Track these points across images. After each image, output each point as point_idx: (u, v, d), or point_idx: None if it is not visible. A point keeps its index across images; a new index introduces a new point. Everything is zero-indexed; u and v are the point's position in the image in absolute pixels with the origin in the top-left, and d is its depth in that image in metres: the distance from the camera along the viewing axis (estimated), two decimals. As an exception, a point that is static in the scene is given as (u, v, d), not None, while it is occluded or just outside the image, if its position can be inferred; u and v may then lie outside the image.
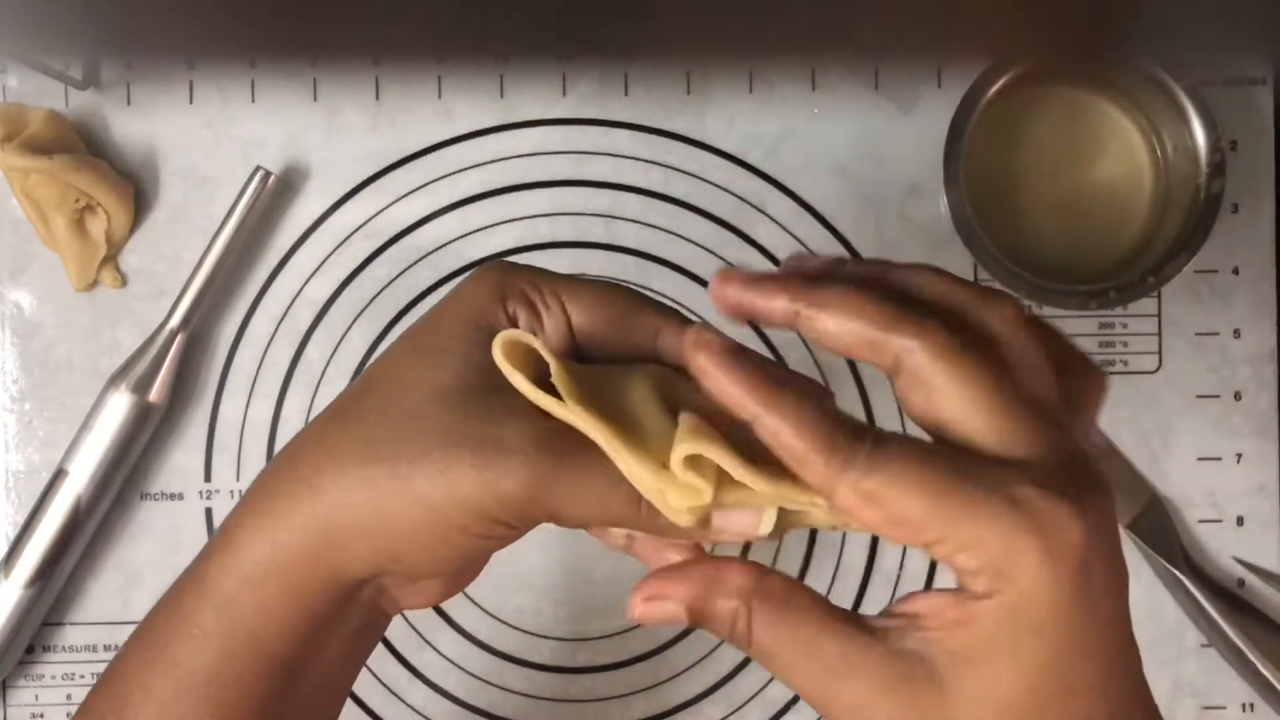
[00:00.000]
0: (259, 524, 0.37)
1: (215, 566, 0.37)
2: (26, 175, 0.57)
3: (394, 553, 0.37)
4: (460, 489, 0.35)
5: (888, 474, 0.33)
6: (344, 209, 0.60)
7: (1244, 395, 0.60)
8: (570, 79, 0.60)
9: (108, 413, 0.57)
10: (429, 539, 0.36)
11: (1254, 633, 0.58)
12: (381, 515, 0.36)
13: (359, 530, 0.36)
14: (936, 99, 0.60)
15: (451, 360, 0.37)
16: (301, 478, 0.37)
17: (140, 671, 0.38)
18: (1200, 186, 0.56)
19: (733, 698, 0.60)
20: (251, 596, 0.37)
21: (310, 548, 0.37)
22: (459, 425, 0.36)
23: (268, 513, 0.37)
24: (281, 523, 0.37)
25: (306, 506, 0.37)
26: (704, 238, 0.60)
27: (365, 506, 0.36)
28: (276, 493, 0.37)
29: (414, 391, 0.37)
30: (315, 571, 0.37)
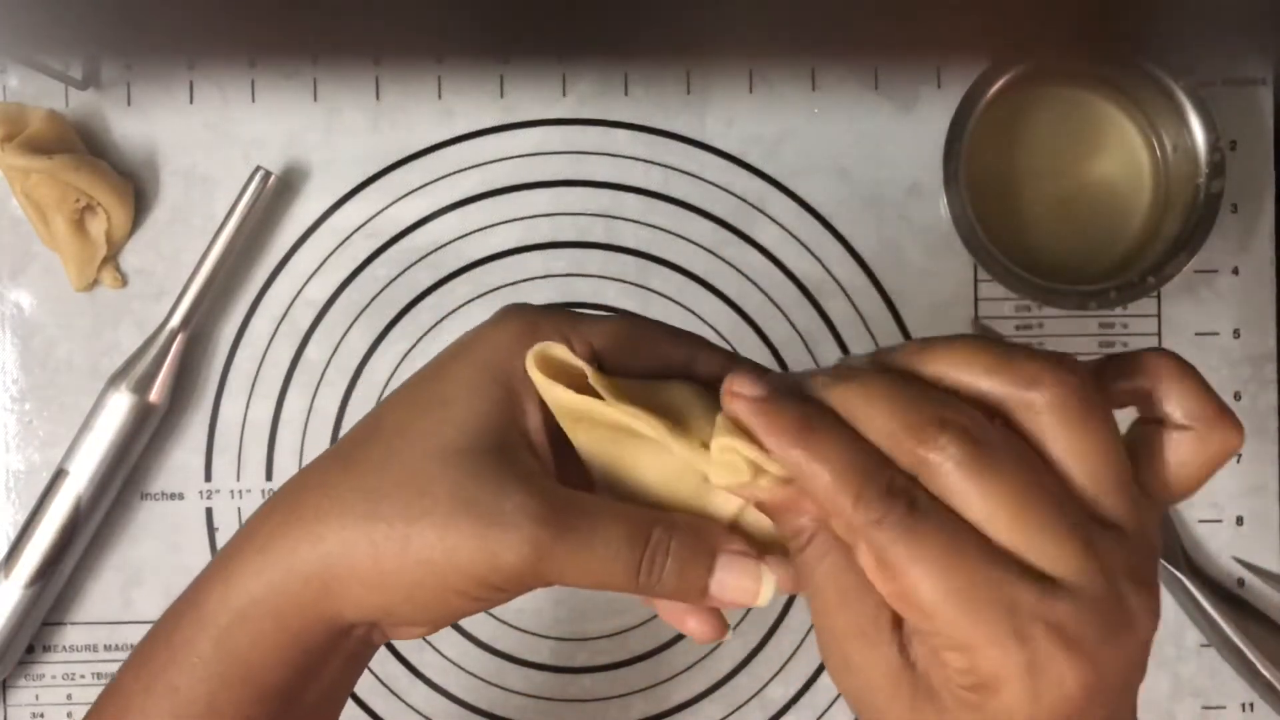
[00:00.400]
0: (258, 562, 0.37)
1: (213, 598, 0.38)
2: (27, 175, 0.57)
3: (388, 606, 0.37)
4: (459, 556, 0.35)
5: (910, 549, 0.32)
6: (344, 209, 0.60)
7: (1244, 395, 0.60)
8: (570, 79, 0.60)
9: (108, 413, 0.57)
10: (424, 598, 0.36)
11: (1254, 632, 0.58)
12: (379, 571, 0.36)
13: (356, 582, 0.36)
14: (936, 99, 0.60)
15: (459, 414, 0.37)
16: (303, 521, 0.37)
17: (138, 696, 0.38)
18: (1200, 186, 0.56)
19: (732, 698, 0.60)
20: (247, 631, 0.37)
21: (307, 593, 0.37)
22: (461, 490, 0.36)
23: (267, 551, 0.37)
24: (280, 565, 0.37)
25: (306, 552, 0.37)
26: (704, 238, 0.60)
27: (364, 561, 0.36)
28: (276, 533, 0.37)
29: (418, 446, 0.36)
30: (310, 613, 0.37)
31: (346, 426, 0.60)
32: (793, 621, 0.60)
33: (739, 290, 0.60)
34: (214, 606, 0.38)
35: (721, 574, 0.36)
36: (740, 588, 0.36)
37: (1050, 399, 0.33)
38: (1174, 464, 0.35)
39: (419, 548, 0.36)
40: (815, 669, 0.60)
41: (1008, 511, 0.32)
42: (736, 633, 0.60)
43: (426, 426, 0.37)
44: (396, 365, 0.60)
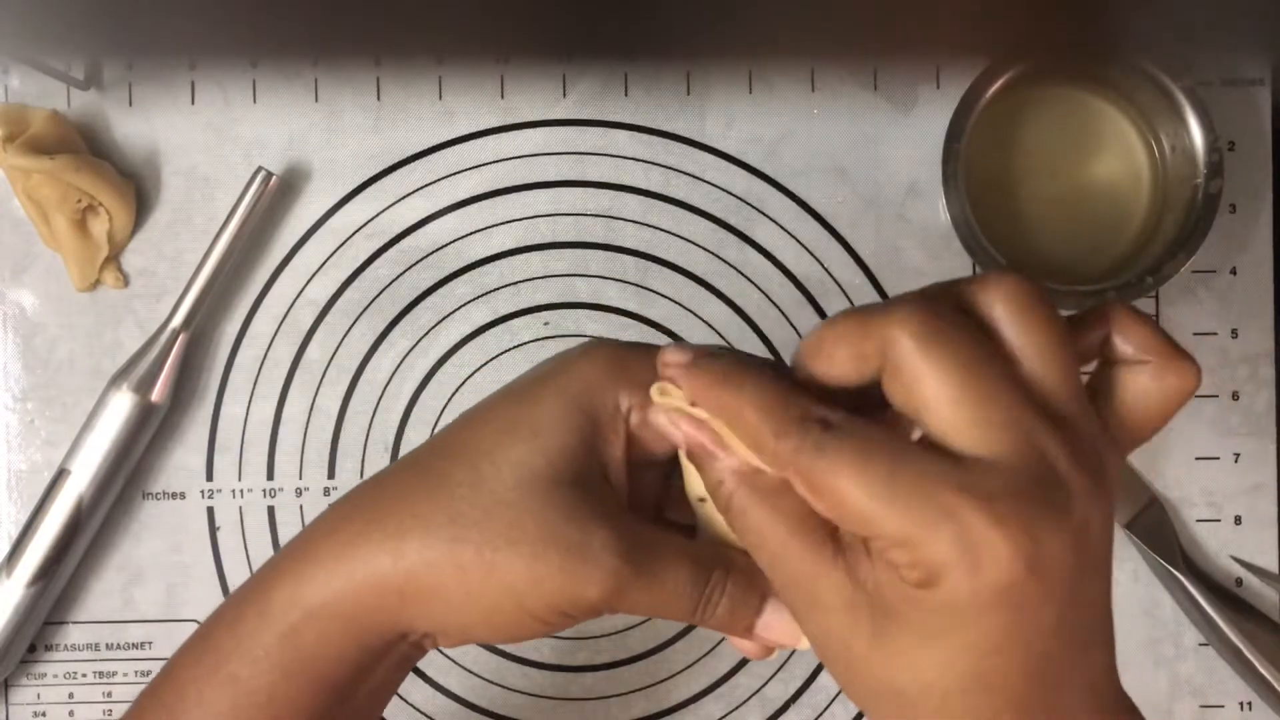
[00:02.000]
0: (333, 567, 0.38)
1: (282, 595, 0.39)
2: (28, 175, 0.57)
3: (465, 625, 0.39)
4: (545, 586, 0.37)
5: (829, 462, 0.33)
6: (345, 209, 0.60)
7: (1242, 395, 0.60)
8: (570, 79, 0.61)
9: (110, 412, 0.57)
10: (501, 620, 0.38)
11: (1252, 632, 0.58)
12: (464, 593, 0.38)
13: (438, 600, 0.38)
14: (935, 99, 0.60)
15: (548, 444, 0.38)
16: (385, 534, 0.38)
17: (196, 682, 0.39)
18: (1198, 187, 0.56)
19: (732, 696, 0.60)
20: (315, 629, 0.39)
21: (382, 603, 0.38)
22: (550, 522, 0.37)
23: (343, 559, 0.38)
24: (358, 573, 0.38)
25: (386, 565, 0.38)
26: (703, 238, 0.60)
27: (449, 582, 0.37)
28: (355, 541, 0.38)
29: (507, 474, 0.38)
30: (380, 620, 0.39)
31: (348, 426, 0.60)
32: (792, 621, 0.60)
33: (739, 290, 0.60)
34: (283, 604, 0.39)
35: (768, 616, 0.39)
36: (783, 630, 0.39)
37: (1004, 291, 0.34)
38: (1133, 399, 0.36)
39: (505, 574, 0.37)
40: (815, 668, 0.60)
41: (956, 385, 0.33)
42: (736, 632, 0.60)
43: (516, 455, 0.38)
44: (397, 365, 0.60)
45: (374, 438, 0.60)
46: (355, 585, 0.38)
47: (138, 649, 0.59)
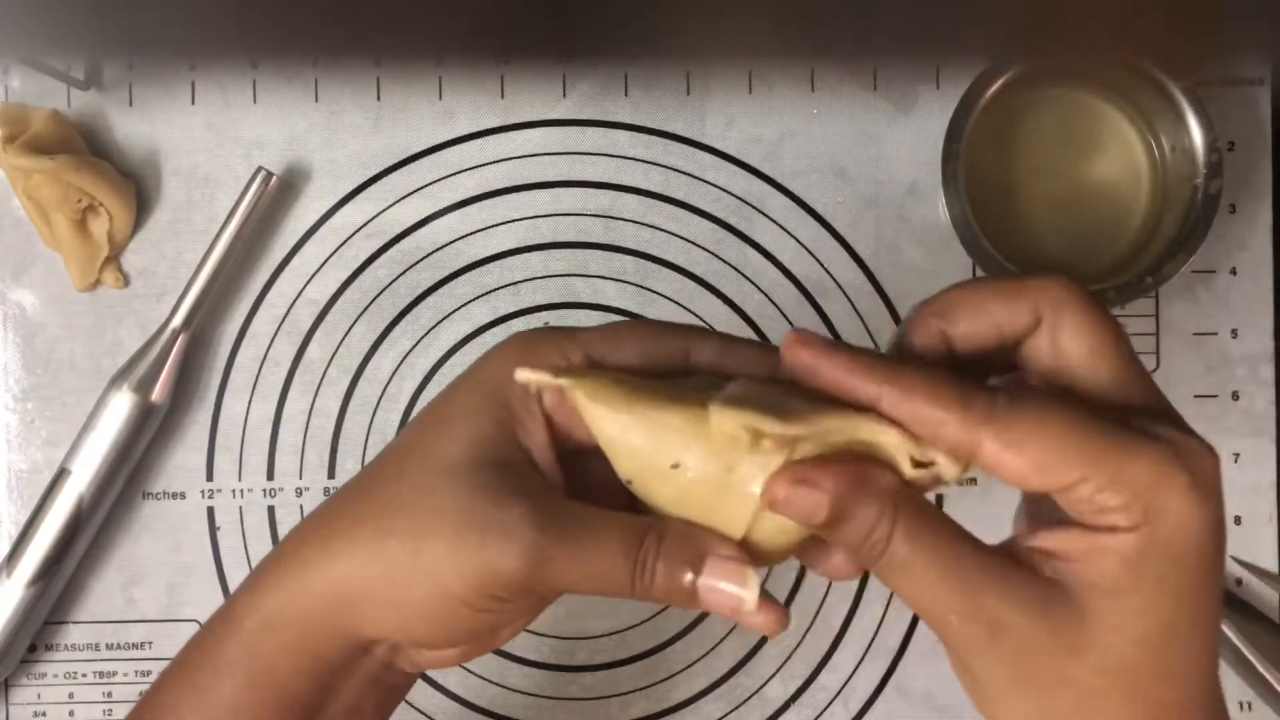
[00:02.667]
0: (281, 576, 0.39)
1: (242, 605, 0.40)
2: (29, 175, 0.57)
3: (402, 622, 0.38)
4: (467, 567, 0.37)
5: (1030, 420, 0.33)
6: (345, 209, 0.60)
7: (1241, 395, 0.60)
8: (570, 80, 0.61)
9: (110, 412, 0.57)
10: (435, 611, 0.38)
11: (1251, 632, 0.58)
12: (392, 586, 0.38)
13: (370, 598, 0.38)
14: (935, 99, 0.60)
15: (465, 434, 0.38)
16: (321, 537, 0.39)
17: (172, 695, 0.40)
18: (1198, 187, 0.56)
19: (732, 696, 0.60)
20: (271, 638, 0.39)
21: (323, 608, 0.39)
22: (468, 504, 0.37)
23: (291, 566, 0.39)
24: (299, 580, 0.39)
25: (322, 567, 0.39)
26: (703, 238, 0.60)
27: (377, 577, 0.38)
28: (299, 549, 0.39)
29: (425, 463, 0.38)
30: (327, 626, 0.39)
31: (348, 426, 0.60)
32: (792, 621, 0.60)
33: (739, 290, 0.60)
34: (242, 613, 0.40)
35: (708, 577, 0.37)
36: (726, 590, 0.37)
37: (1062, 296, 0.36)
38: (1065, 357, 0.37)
39: (427, 561, 0.37)
40: (814, 667, 0.60)
41: (1113, 345, 0.36)
42: (736, 631, 0.60)
43: (430, 444, 0.39)
44: (398, 365, 0.60)
45: (374, 438, 0.60)
46: (301, 590, 0.39)
47: (138, 649, 0.59)
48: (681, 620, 0.60)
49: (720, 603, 0.37)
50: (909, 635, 0.60)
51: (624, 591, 0.37)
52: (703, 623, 0.60)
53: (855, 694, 0.60)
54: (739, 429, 0.35)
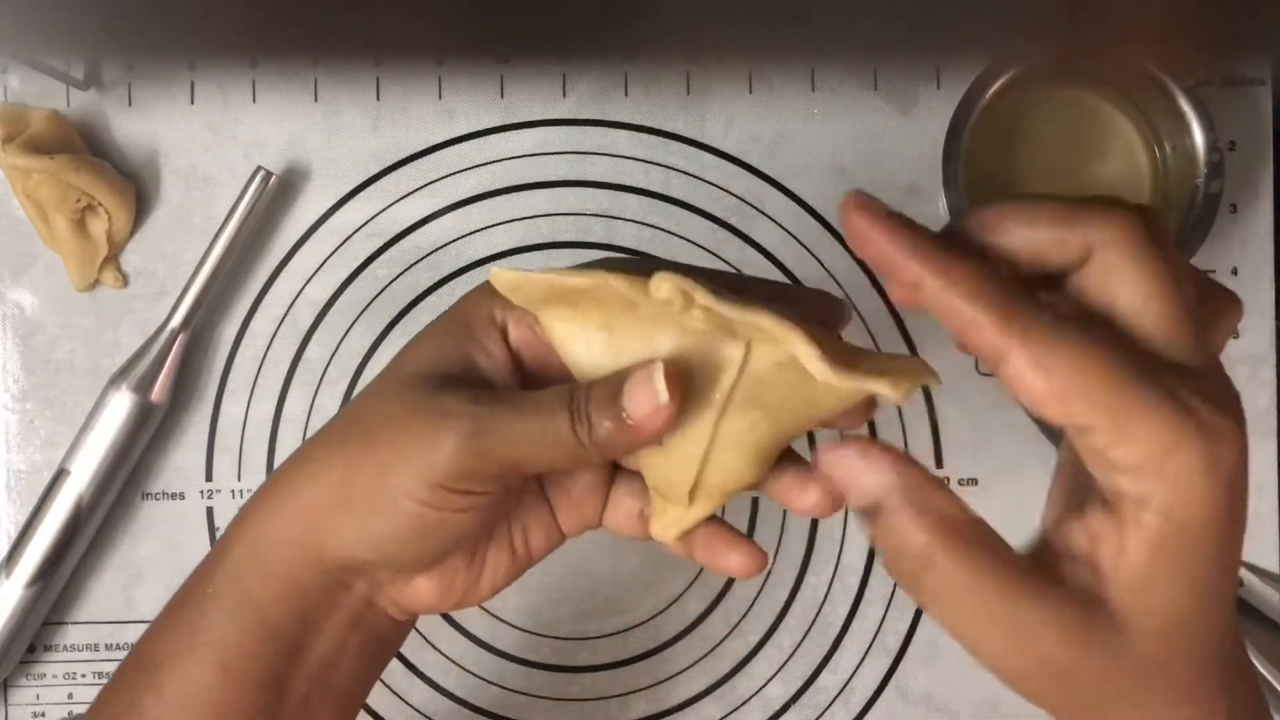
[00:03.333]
0: (264, 503, 0.41)
1: (230, 535, 0.41)
2: (28, 175, 0.57)
3: (365, 535, 0.39)
4: (411, 459, 0.38)
5: (1069, 348, 0.32)
6: (345, 209, 0.60)
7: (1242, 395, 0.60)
8: (570, 79, 0.61)
9: (109, 412, 0.57)
10: (392, 515, 0.38)
11: (1253, 632, 0.58)
12: (351, 498, 0.39)
13: (335, 514, 0.39)
14: (935, 99, 0.60)
15: (421, 351, 0.40)
16: (300, 462, 0.41)
17: (162, 634, 0.42)
18: (1199, 187, 0.56)
19: (732, 697, 0.60)
20: (252, 565, 0.40)
21: (297, 532, 0.40)
22: (414, 400, 0.39)
23: (273, 494, 0.41)
24: (278, 505, 0.41)
25: (295, 493, 0.40)
26: (703, 238, 0.60)
27: (338, 490, 0.39)
28: (279, 478, 0.41)
29: (387, 378, 0.40)
30: (303, 550, 0.40)
31: (347, 426, 0.60)
32: (792, 620, 0.60)
33: (739, 290, 0.60)
34: (227, 542, 0.41)
35: (627, 394, 0.37)
36: (643, 393, 0.37)
37: (1118, 232, 0.34)
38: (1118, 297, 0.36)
39: (376, 464, 0.38)
40: (815, 668, 0.60)
41: (1166, 295, 0.33)
42: (736, 632, 0.60)
43: (397, 363, 0.41)
44: (397, 365, 0.60)
45: (374, 438, 0.60)
46: (279, 515, 0.40)
47: (137, 649, 0.59)
48: (682, 621, 0.60)
49: (641, 412, 0.37)
50: (909, 636, 0.60)
51: (569, 448, 0.37)
52: (703, 623, 0.60)
53: (855, 694, 0.60)
54: (674, 291, 0.36)
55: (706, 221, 0.60)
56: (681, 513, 0.40)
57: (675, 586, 0.60)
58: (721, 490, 0.40)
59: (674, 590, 0.60)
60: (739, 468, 0.39)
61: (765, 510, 0.60)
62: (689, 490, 0.40)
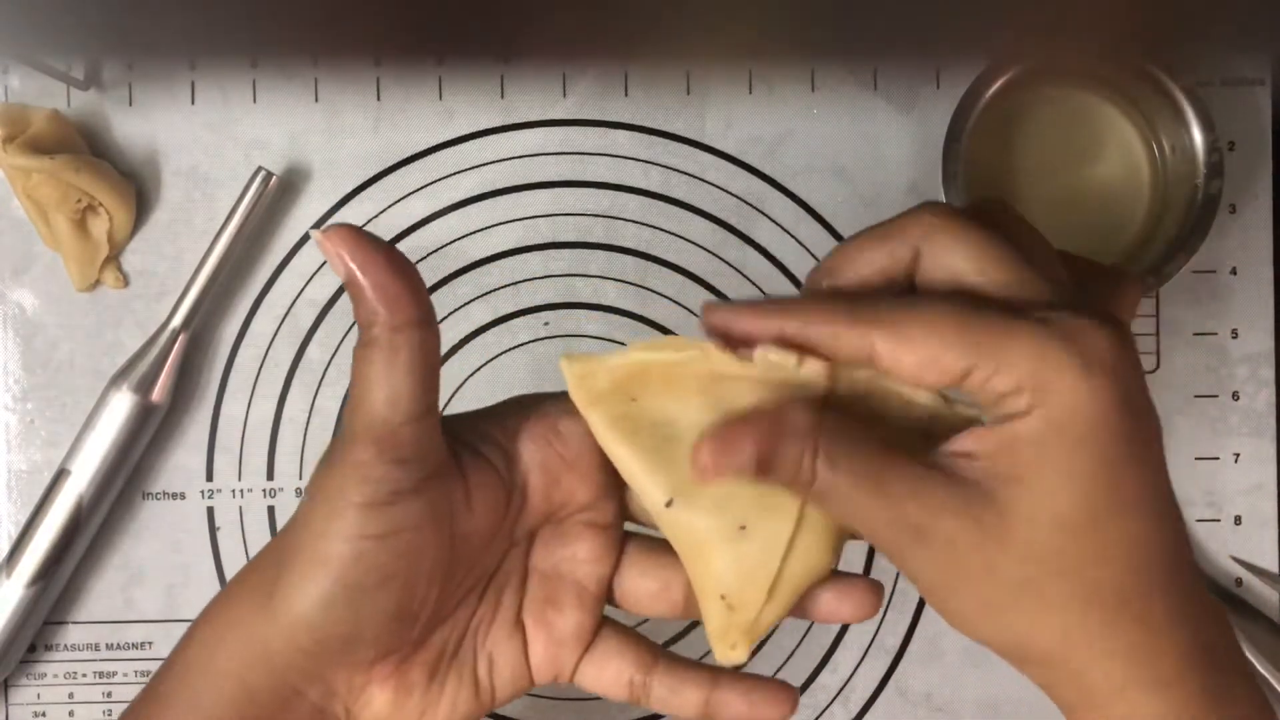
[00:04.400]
0: (220, 597, 0.41)
1: (189, 631, 0.41)
2: (28, 175, 0.57)
3: (298, 604, 0.37)
4: (324, 492, 0.38)
5: (916, 316, 0.35)
6: (345, 209, 0.60)
7: (1242, 395, 0.60)
8: (570, 80, 0.61)
9: (110, 412, 0.57)
10: (317, 560, 0.37)
11: (1252, 632, 0.58)
12: (279, 553, 0.39)
13: (271, 584, 0.38)
14: (935, 99, 0.60)
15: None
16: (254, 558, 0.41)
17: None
18: (1198, 187, 0.56)
19: None
20: (202, 661, 0.39)
21: (244, 620, 0.39)
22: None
23: (228, 587, 0.41)
24: (232, 593, 0.40)
25: (241, 579, 0.41)
26: (704, 238, 0.60)
27: (271, 561, 0.39)
28: (238, 574, 0.41)
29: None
30: (248, 646, 0.39)
31: (347, 426, 0.60)
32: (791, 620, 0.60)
33: (739, 290, 0.60)
34: (186, 639, 0.40)
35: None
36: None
37: (1005, 208, 0.39)
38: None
39: (299, 518, 0.39)
40: (814, 667, 0.60)
41: (999, 253, 0.36)
42: (736, 632, 0.60)
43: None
44: (397, 365, 0.60)
45: (374, 438, 0.60)
46: (230, 605, 0.40)
47: (138, 649, 0.59)
48: (681, 621, 0.60)
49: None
50: (909, 635, 0.60)
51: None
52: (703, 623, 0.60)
53: (855, 694, 0.60)
54: (783, 354, 0.37)
55: (706, 221, 0.60)
56: (753, 619, 0.38)
57: (675, 586, 0.60)
58: (802, 582, 0.38)
59: (674, 590, 0.60)
60: (820, 552, 0.38)
61: (765, 510, 0.60)
62: (769, 587, 0.38)
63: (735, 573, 0.38)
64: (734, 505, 0.38)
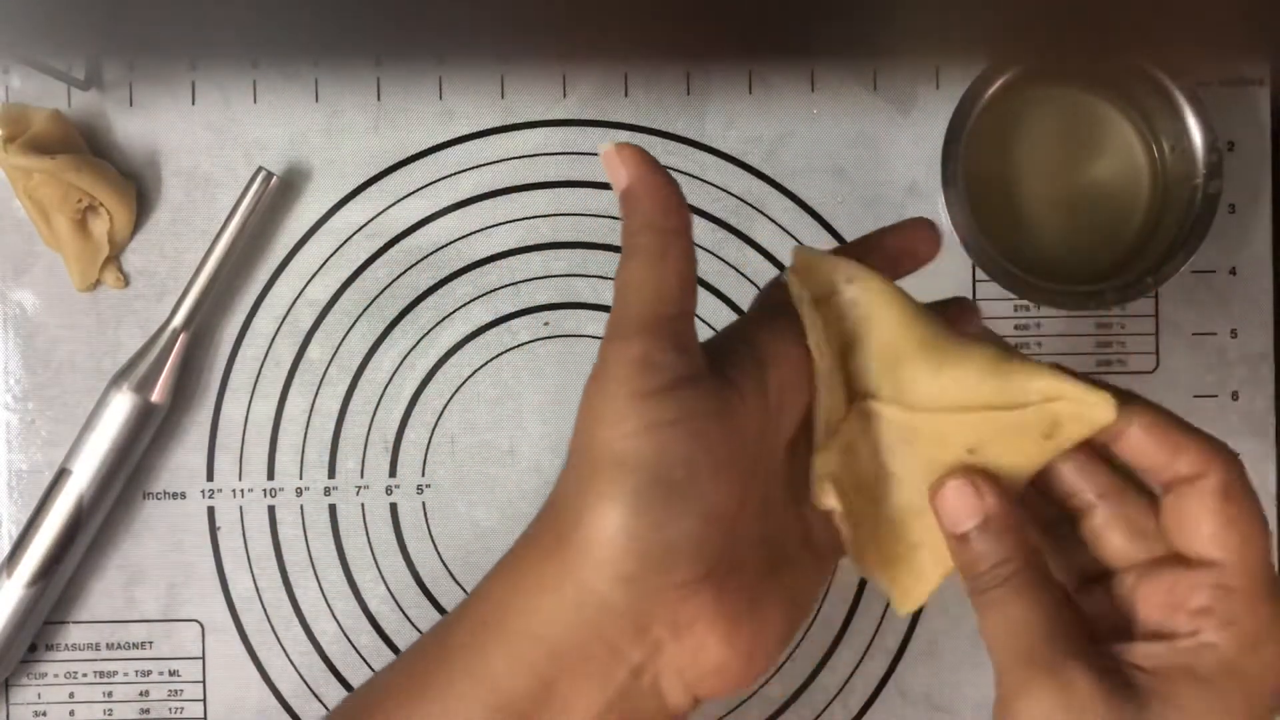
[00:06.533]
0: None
1: (488, 576, 0.40)
2: (29, 175, 0.57)
3: (608, 515, 0.36)
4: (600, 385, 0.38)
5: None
6: (345, 210, 0.60)
7: (1241, 395, 0.60)
8: (570, 80, 0.61)
9: (110, 412, 0.57)
10: (611, 451, 0.36)
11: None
12: (574, 455, 0.39)
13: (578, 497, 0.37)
14: (935, 100, 0.60)
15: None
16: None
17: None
18: (1198, 187, 0.56)
19: (731, 696, 0.60)
20: (498, 607, 0.38)
21: (550, 548, 0.38)
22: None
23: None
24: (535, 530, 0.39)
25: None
26: (703, 238, 0.60)
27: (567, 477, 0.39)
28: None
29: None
30: (559, 575, 0.37)
31: (348, 425, 0.60)
32: (792, 620, 0.60)
33: (739, 290, 0.60)
34: (484, 583, 0.39)
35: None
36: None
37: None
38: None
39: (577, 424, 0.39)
40: (814, 668, 0.60)
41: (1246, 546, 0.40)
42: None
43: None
44: (398, 365, 0.60)
45: (374, 438, 0.60)
46: (510, 561, 0.39)
47: (138, 649, 0.59)
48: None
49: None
50: (909, 635, 0.60)
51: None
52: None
53: (855, 694, 0.60)
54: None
55: (706, 221, 0.60)
56: (919, 576, 0.40)
57: (675, 586, 0.60)
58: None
59: (674, 590, 0.60)
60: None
61: (765, 510, 0.60)
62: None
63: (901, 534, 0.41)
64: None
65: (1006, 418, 0.37)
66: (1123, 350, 0.60)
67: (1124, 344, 0.60)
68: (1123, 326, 0.60)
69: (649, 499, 0.34)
